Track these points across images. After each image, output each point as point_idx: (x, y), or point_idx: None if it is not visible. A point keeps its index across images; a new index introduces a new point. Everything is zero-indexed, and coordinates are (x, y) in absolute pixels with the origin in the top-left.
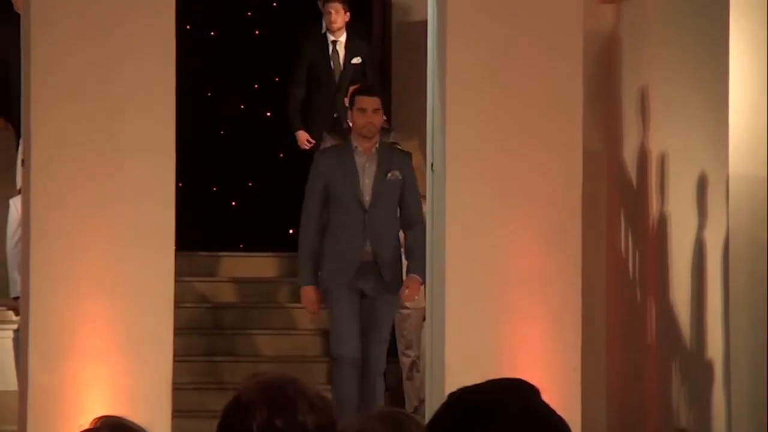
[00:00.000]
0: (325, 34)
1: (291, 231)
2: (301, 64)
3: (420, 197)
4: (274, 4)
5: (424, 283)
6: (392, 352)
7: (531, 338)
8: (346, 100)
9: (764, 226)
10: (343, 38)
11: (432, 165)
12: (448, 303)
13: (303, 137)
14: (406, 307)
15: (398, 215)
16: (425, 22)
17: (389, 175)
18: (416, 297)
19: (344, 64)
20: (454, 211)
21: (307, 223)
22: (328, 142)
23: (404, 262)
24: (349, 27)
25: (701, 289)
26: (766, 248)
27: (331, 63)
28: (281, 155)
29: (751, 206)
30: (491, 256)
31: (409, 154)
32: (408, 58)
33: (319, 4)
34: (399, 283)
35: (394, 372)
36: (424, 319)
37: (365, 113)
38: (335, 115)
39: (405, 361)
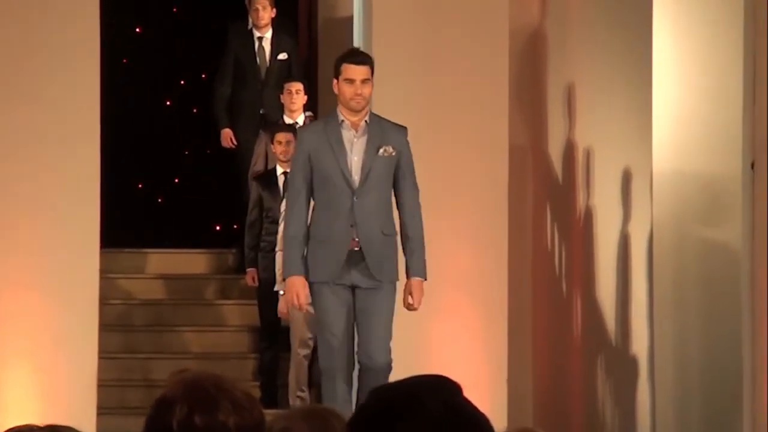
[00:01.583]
0: (251, 30)
1: (218, 227)
2: (226, 61)
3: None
4: None
5: (425, 279)
6: None
7: (457, 335)
8: (282, 97)
9: (687, 221)
10: (269, 34)
11: None
12: None
13: (227, 136)
14: None
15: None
16: (351, 18)
17: (381, 150)
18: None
19: (270, 60)
20: None
21: (293, 205)
22: (263, 140)
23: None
24: (276, 23)
25: (626, 283)
26: (689, 243)
27: (257, 59)
28: (208, 151)
29: (675, 201)
30: None
31: (404, 128)
32: (334, 55)
33: (246, 0)
34: (394, 270)
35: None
36: None
37: (353, 84)
38: (262, 112)
39: None
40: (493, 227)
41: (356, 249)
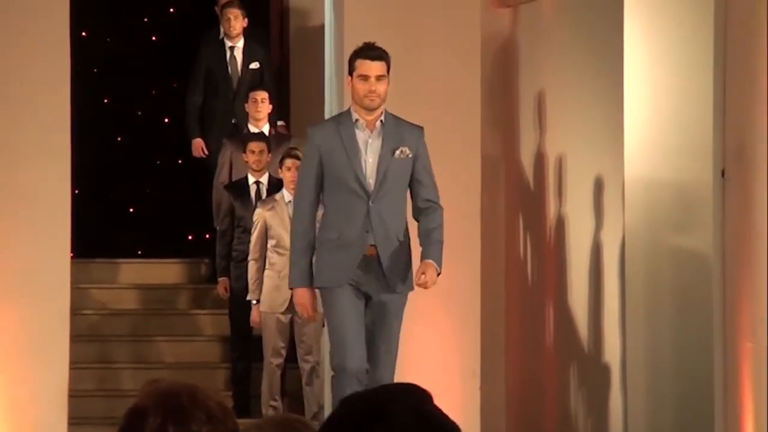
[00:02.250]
0: (222, 39)
1: (190, 237)
2: (198, 70)
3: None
4: (171, 9)
5: (440, 273)
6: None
7: (430, 343)
8: (247, 106)
9: (659, 228)
10: (240, 44)
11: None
12: None
13: (198, 146)
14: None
15: (407, 199)
16: (323, 27)
17: (397, 152)
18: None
19: (242, 69)
20: None
21: (301, 211)
22: (228, 149)
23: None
24: (247, 33)
25: (598, 291)
26: (661, 250)
27: (229, 68)
28: (179, 161)
29: (647, 208)
30: None
31: (420, 128)
32: (306, 63)
33: (217, 9)
34: (410, 279)
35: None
36: (323, 325)
37: (367, 81)
38: (233, 121)
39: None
40: (466, 235)
41: (372, 255)
